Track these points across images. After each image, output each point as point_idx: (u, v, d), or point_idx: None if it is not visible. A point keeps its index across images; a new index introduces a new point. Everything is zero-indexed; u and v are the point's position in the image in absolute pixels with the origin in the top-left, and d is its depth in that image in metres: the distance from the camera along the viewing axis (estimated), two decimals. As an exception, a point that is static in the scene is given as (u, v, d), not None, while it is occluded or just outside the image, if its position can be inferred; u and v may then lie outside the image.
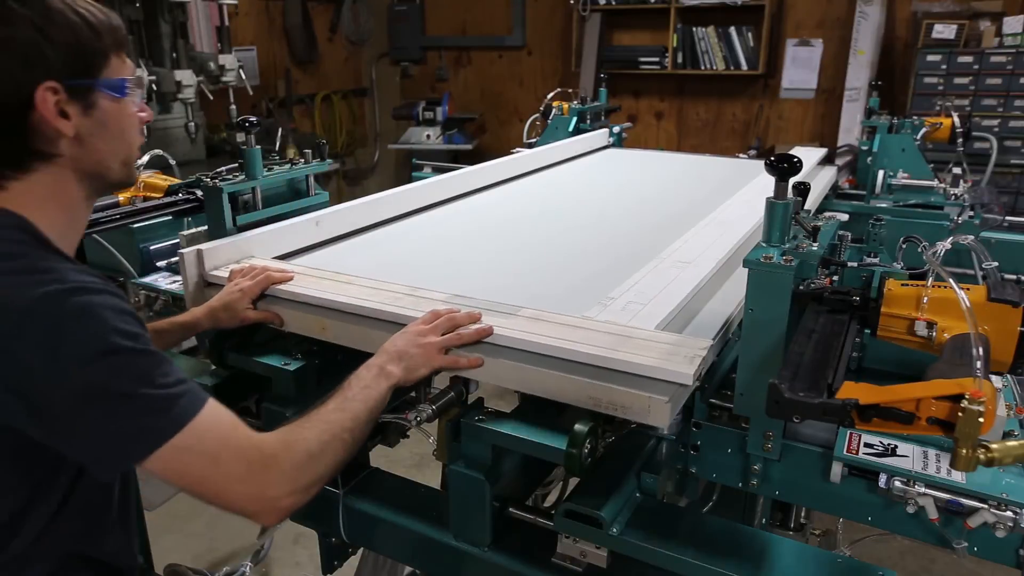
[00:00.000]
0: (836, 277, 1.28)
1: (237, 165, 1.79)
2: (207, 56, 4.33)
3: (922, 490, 1.04)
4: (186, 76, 4.04)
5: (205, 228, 1.77)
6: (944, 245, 1.39)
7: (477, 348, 1.21)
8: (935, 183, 2.36)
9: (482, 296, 1.33)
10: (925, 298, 1.09)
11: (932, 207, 2.27)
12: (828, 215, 1.31)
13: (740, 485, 1.23)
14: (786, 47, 5.25)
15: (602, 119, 3.37)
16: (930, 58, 4.39)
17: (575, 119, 3.12)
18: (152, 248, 1.99)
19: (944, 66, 4.37)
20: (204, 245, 1.48)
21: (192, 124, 4.21)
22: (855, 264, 1.31)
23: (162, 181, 2.04)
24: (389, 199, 1.98)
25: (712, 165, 2.89)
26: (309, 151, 1.89)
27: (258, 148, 1.72)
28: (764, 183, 1.13)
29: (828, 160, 2.76)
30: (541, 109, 3.21)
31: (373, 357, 1.16)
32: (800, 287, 1.12)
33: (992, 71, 4.27)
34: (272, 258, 1.57)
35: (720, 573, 1.01)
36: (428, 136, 6.00)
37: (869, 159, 2.51)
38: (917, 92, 4.44)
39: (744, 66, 5.29)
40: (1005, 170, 4.23)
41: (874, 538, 2.18)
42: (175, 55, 4.18)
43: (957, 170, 2.41)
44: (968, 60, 4.32)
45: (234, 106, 4.37)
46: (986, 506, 1.00)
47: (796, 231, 1.18)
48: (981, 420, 0.82)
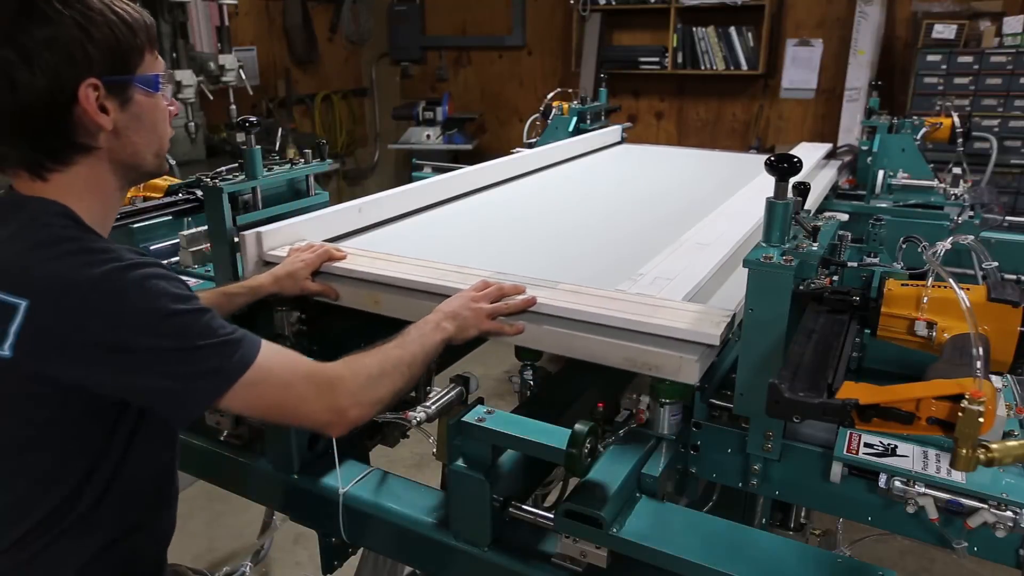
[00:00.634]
0: (836, 277, 1.28)
1: (237, 165, 1.78)
2: (207, 56, 4.33)
3: (922, 490, 1.04)
4: (186, 76, 4.04)
5: (205, 228, 1.77)
6: (944, 245, 1.39)
7: (522, 317, 1.32)
8: (935, 183, 2.36)
9: (522, 273, 1.45)
10: (925, 298, 1.09)
11: (932, 207, 2.27)
12: (828, 215, 1.31)
13: (740, 485, 1.23)
14: (786, 47, 5.25)
15: (602, 119, 3.37)
16: (930, 58, 4.39)
17: (575, 119, 3.13)
18: (152, 248, 1.99)
19: (944, 66, 4.36)
20: (263, 228, 1.61)
21: (192, 124, 4.21)
22: (855, 264, 1.31)
23: (162, 181, 2.04)
24: (425, 188, 2.11)
25: (722, 160, 3.03)
26: (309, 151, 1.89)
27: (258, 148, 1.72)
28: (772, 176, 1.14)
29: (832, 155, 2.78)
30: (541, 109, 3.21)
31: (430, 315, 1.28)
32: (800, 287, 1.12)
33: (992, 71, 4.27)
34: (322, 240, 1.67)
35: (720, 573, 1.01)
36: (428, 136, 6.00)
37: (869, 159, 2.51)
38: (917, 92, 4.43)
39: (744, 66, 5.29)
40: (1005, 170, 4.23)
41: (874, 538, 2.18)
42: (175, 55, 4.18)
43: (957, 170, 2.42)
44: (968, 60, 4.32)
45: (234, 106, 4.37)
46: (986, 506, 1.01)
47: (796, 231, 1.18)
48: (981, 420, 0.82)
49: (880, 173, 2.43)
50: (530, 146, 3.00)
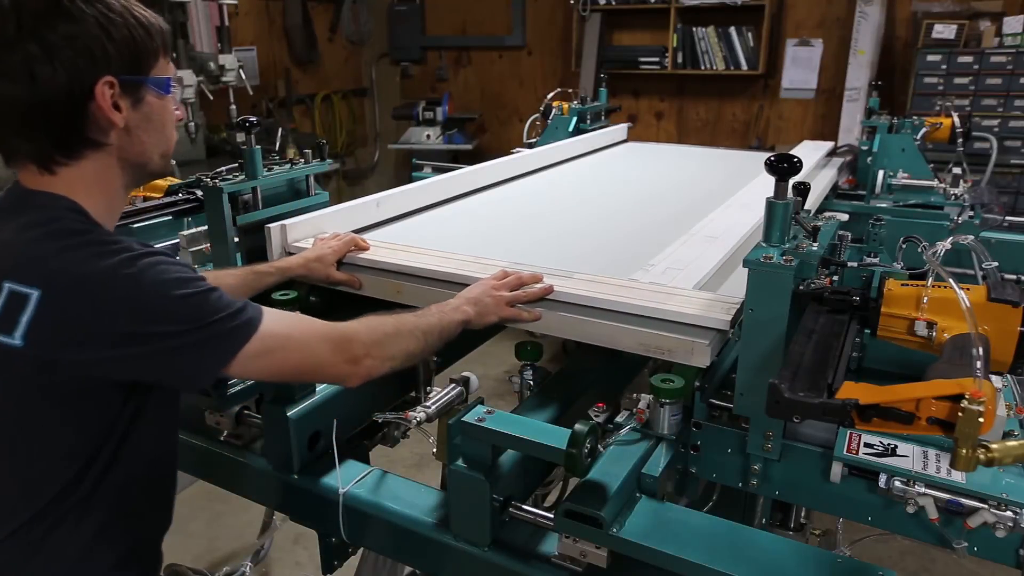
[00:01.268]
0: (836, 277, 1.28)
1: (237, 165, 1.78)
2: (207, 56, 4.33)
3: (922, 490, 1.04)
4: (186, 76, 4.03)
5: (205, 228, 1.77)
6: (944, 245, 1.39)
7: (539, 304, 1.38)
8: (935, 183, 2.36)
9: (539, 264, 1.51)
10: (925, 298, 1.09)
11: (932, 207, 2.28)
12: (828, 215, 1.31)
13: (740, 485, 1.23)
14: (786, 47, 5.25)
15: (602, 119, 3.37)
16: (930, 58, 4.39)
17: (575, 119, 3.13)
18: (152, 248, 1.98)
19: (944, 66, 4.36)
20: (287, 220, 1.68)
21: (192, 124, 4.20)
22: (855, 264, 1.31)
23: (162, 181, 2.03)
24: (441, 184, 2.19)
25: (728, 157, 3.10)
26: (309, 151, 1.89)
27: (258, 148, 1.72)
28: (772, 176, 1.15)
29: (833, 154, 2.80)
30: (541, 109, 3.21)
31: (452, 299, 1.33)
32: (800, 287, 1.12)
33: (992, 71, 4.27)
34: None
35: (720, 573, 1.01)
36: (428, 136, 5.99)
37: (869, 159, 2.51)
38: (917, 92, 4.43)
39: (744, 66, 5.29)
40: (1005, 170, 4.23)
41: (874, 538, 2.18)
42: (175, 55, 4.18)
43: (957, 170, 2.42)
44: (968, 60, 4.31)
45: (234, 106, 4.36)
46: (986, 506, 1.01)
47: (796, 231, 1.18)
48: (981, 420, 0.82)
49: (880, 173, 2.44)
50: (530, 146, 3.00)
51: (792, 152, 1.43)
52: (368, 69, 6.76)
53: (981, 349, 0.88)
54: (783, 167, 1.13)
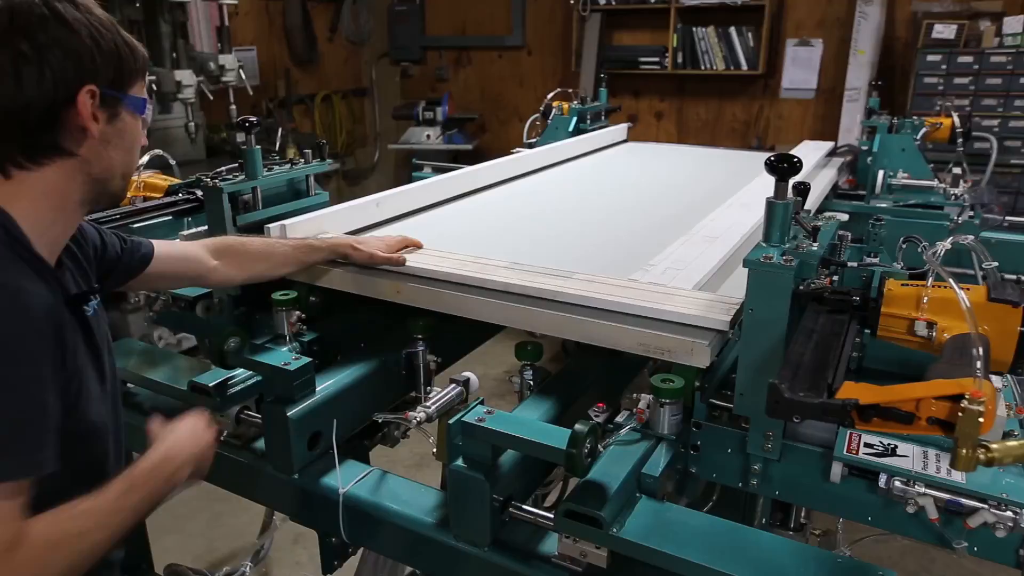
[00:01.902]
0: (836, 277, 1.28)
1: (237, 165, 1.79)
2: (207, 56, 4.33)
3: (922, 490, 1.04)
4: (186, 76, 4.04)
5: (205, 228, 1.78)
6: (944, 245, 1.39)
7: (543, 307, 1.37)
8: (935, 183, 2.37)
9: (538, 264, 1.51)
10: (925, 298, 1.09)
11: (932, 207, 2.27)
12: (828, 215, 1.31)
13: (740, 485, 1.23)
14: (786, 47, 5.25)
15: (602, 119, 3.37)
16: (930, 58, 4.39)
17: (575, 119, 3.13)
18: (152, 248, 1.98)
19: (944, 66, 4.36)
20: (287, 221, 1.69)
21: (192, 124, 4.21)
22: (855, 264, 1.31)
23: (162, 181, 2.04)
24: (440, 184, 2.19)
25: (728, 156, 3.11)
26: (309, 151, 1.89)
27: (258, 148, 1.72)
28: (772, 176, 1.15)
29: (833, 154, 2.81)
30: (541, 109, 3.21)
31: (160, 456, 1.12)
32: (800, 287, 1.12)
33: (992, 71, 4.27)
34: (344, 233, 1.74)
35: (720, 573, 1.01)
36: (428, 136, 5.99)
37: (869, 159, 2.51)
38: (917, 92, 4.43)
39: (744, 66, 5.29)
40: (1005, 170, 4.22)
41: (874, 538, 2.18)
42: (175, 55, 4.18)
43: (957, 170, 2.42)
44: (968, 60, 4.31)
45: (234, 106, 4.37)
46: (986, 506, 1.01)
47: (796, 231, 1.18)
48: (981, 420, 0.82)
49: (880, 173, 2.44)
50: (530, 146, 3.00)
51: (792, 152, 1.43)
52: (368, 69, 6.76)
53: (981, 349, 0.88)
54: (783, 167, 1.13)
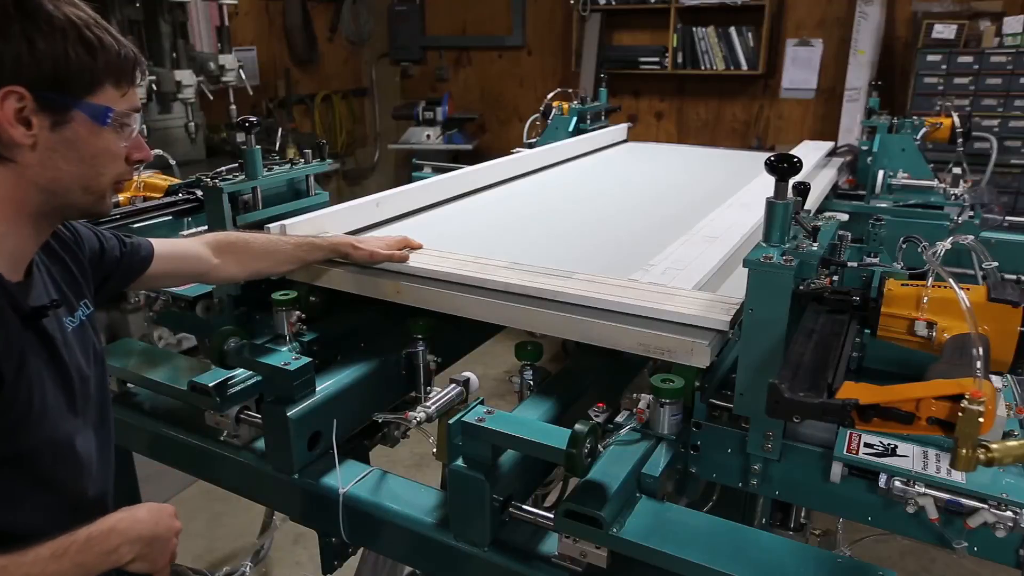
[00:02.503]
0: (836, 277, 1.28)
1: (237, 165, 1.79)
2: (207, 56, 4.33)
3: (922, 490, 1.04)
4: (186, 76, 4.04)
5: (205, 228, 1.77)
6: (944, 245, 1.39)
7: (542, 306, 1.37)
8: (935, 183, 2.36)
9: (538, 264, 1.51)
10: (925, 298, 1.09)
11: (932, 207, 2.27)
12: (828, 215, 1.31)
13: (740, 485, 1.23)
14: (786, 47, 5.25)
15: (602, 119, 3.37)
16: (930, 58, 4.39)
17: (575, 119, 3.13)
18: (152, 248, 1.98)
19: (944, 66, 4.36)
20: (287, 221, 1.68)
21: (192, 124, 4.21)
22: (855, 264, 1.31)
23: (162, 181, 2.04)
24: (440, 184, 2.19)
25: (728, 156, 3.11)
26: (309, 151, 1.89)
27: (258, 148, 1.72)
28: (772, 176, 1.15)
29: (833, 154, 2.81)
30: (541, 109, 3.21)
31: (110, 526, 1.02)
32: (800, 287, 1.12)
33: (992, 71, 4.27)
34: (344, 233, 1.73)
35: (720, 573, 1.01)
36: (428, 136, 5.99)
37: (869, 159, 2.51)
38: (917, 92, 4.43)
39: (744, 66, 5.29)
40: (1005, 170, 4.23)
41: (874, 538, 2.19)
42: (175, 55, 4.18)
43: (957, 170, 2.42)
44: (968, 60, 4.31)
45: (234, 106, 4.37)
46: (986, 506, 1.01)
47: (796, 231, 1.18)
48: (981, 420, 0.82)
49: (880, 173, 2.44)
50: (530, 146, 3.00)
51: (792, 152, 1.43)
52: (368, 69, 6.76)
53: (981, 349, 0.88)
54: (783, 167, 1.13)
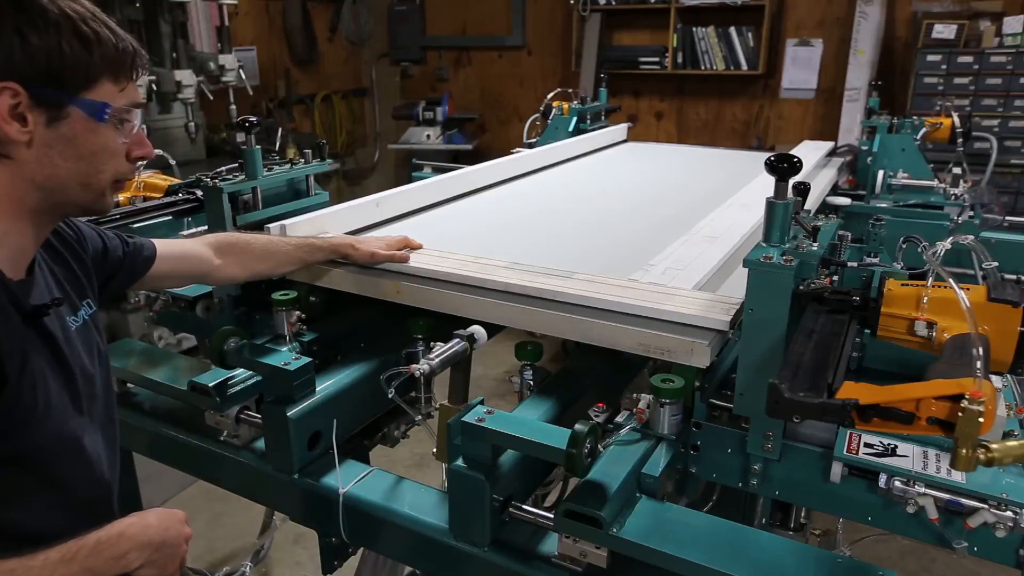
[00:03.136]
0: (836, 277, 1.28)
1: (237, 165, 1.79)
2: (207, 56, 4.33)
3: (922, 490, 1.04)
4: (186, 76, 4.04)
5: (205, 228, 1.77)
6: (944, 245, 1.39)
7: (542, 307, 1.37)
8: (935, 183, 2.36)
9: (538, 264, 1.51)
10: (925, 298, 1.09)
11: (932, 207, 2.27)
12: (827, 199, 1.31)
13: (740, 485, 1.23)
14: (786, 47, 5.25)
15: (602, 119, 3.37)
16: (930, 58, 4.39)
17: (575, 119, 3.13)
18: (152, 248, 1.98)
19: (944, 66, 4.36)
20: (287, 221, 1.69)
21: (192, 124, 4.21)
22: (855, 264, 1.31)
23: (162, 181, 2.04)
24: (440, 184, 2.20)
25: (729, 156, 3.11)
26: (309, 151, 1.89)
27: (258, 148, 1.72)
28: (772, 176, 1.15)
29: (833, 153, 2.81)
30: (541, 109, 3.21)
31: (120, 531, 1.03)
32: (800, 287, 1.12)
33: (992, 71, 4.27)
34: (344, 233, 1.74)
35: (720, 573, 1.01)
36: (428, 136, 6.00)
37: (869, 159, 2.51)
38: (917, 92, 4.44)
39: (744, 66, 5.29)
40: (1005, 170, 4.23)
41: (874, 538, 2.18)
42: (175, 55, 4.18)
43: (957, 170, 2.42)
44: (968, 60, 4.32)
45: (234, 106, 4.37)
46: (986, 506, 1.01)
47: (796, 231, 1.18)
48: (981, 420, 0.82)
49: (880, 173, 2.44)
50: (530, 146, 3.00)
51: (792, 152, 1.43)
52: (368, 69, 6.76)
53: (981, 349, 0.88)
54: (783, 167, 1.13)
